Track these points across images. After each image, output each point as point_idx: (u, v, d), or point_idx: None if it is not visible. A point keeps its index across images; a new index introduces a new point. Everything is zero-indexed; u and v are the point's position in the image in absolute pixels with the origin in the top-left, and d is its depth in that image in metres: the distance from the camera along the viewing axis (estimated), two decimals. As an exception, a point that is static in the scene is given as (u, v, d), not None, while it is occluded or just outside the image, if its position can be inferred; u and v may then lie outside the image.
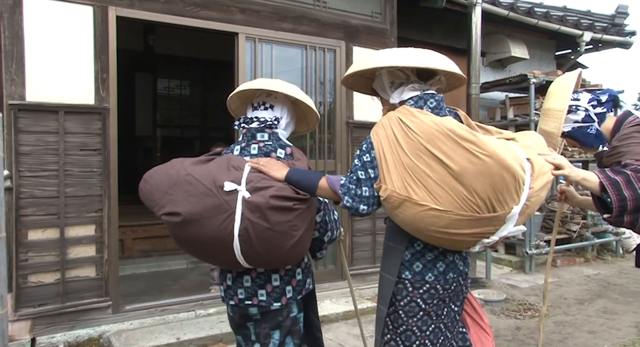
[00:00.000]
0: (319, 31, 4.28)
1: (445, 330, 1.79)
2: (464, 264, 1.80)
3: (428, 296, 1.72)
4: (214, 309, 3.76)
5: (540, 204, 1.68)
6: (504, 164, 1.48)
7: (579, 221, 6.17)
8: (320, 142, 4.33)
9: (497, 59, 6.83)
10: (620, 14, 7.22)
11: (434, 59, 1.67)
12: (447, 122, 1.55)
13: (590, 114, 2.01)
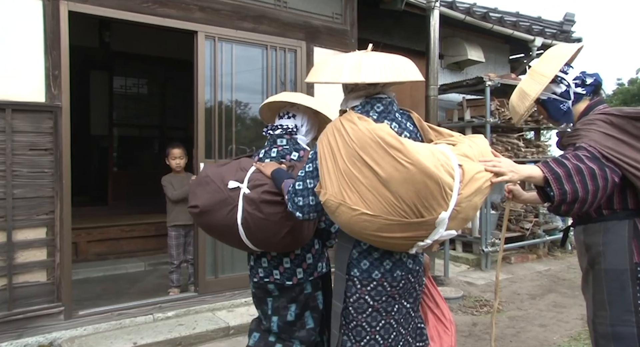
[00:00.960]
0: (279, 31, 4.27)
1: (397, 326, 1.84)
2: (414, 262, 1.84)
3: (376, 293, 1.77)
4: (172, 312, 3.69)
5: (477, 209, 1.73)
6: (426, 172, 1.52)
7: (532, 219, 6.42)
8: (281, 142, 4.32)
9: (455, 61, 7.00)
10: (567, 21, 7.56)
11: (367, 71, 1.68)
12: (379, 130, 1.57)
13: (569, 91, 2.00)
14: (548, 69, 1.97)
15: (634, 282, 1.80)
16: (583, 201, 1.72)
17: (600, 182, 1.71)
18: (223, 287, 3.98)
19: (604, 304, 1.85)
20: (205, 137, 3.91)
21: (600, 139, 1.79)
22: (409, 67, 1.78)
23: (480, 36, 7.05)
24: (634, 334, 1.77)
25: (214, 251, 3.96)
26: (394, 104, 1.84)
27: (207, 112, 3.92)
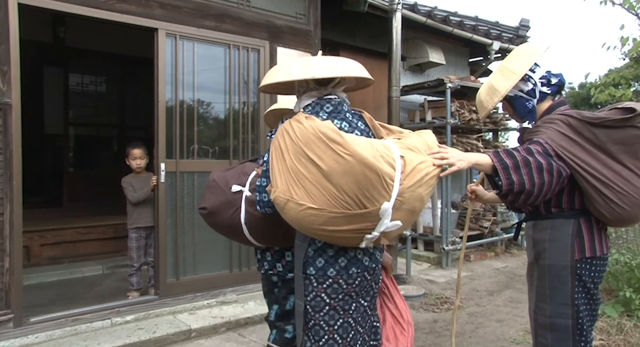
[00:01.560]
0: (242, 30, 4.23)
1: (355, 325, 1.85)
2: (370, 260, 1.87)
3: (332, 291, 1.79)
4: (131, 316, 3.59)
5: (423, 200, 1.75)
6: (365, 163, 1.56)
7: (490, 218, 6.60)
8: (243, 142, 4.27)
9: (417, 63, 7.12)
10: (523, 27, 7.83)
11: (315, 68, 1.76)
12: (322, 126, 1.63)
13: (535, 90, 2.05)
14: (519, 67, 2.00)
15: (573, 278, 1.89)
16: (529, 193, 1.78)
17: (546, 177, 1.77)
18: (185, 290, 3.90)
19: (545, 297, 1.95)
20: (167, 137, 3.83)
21: (557, 137, 1.86)
22: (355, 66, 1.85)
23: (441, 39, 7.20)
24: (568, 326, 1.88)
25: (176, 252, 3.88)
26: (344, 105, 1.91)
27: (168, 112, 3.84)
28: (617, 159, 1.81)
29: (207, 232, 4.06)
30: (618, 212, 1.83)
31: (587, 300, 1.92)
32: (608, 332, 3.44)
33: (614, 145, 1.81)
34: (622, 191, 1.80)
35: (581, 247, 1.90)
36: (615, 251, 3.86)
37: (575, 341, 1.89)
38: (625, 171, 1.81)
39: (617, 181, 1.81)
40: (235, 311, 3.87)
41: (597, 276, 1.94)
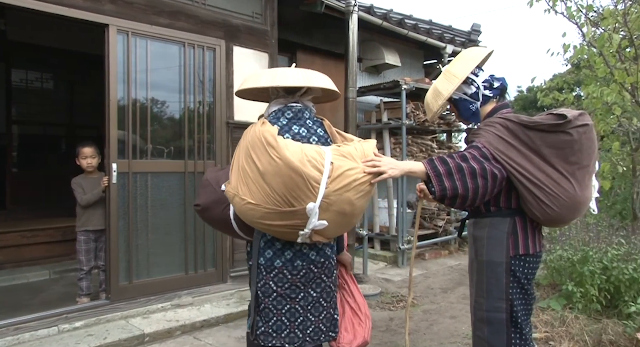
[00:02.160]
0: (198, 28, 4.16)
1: (304, 312, 2.07)
2: (317, 255, 2.07)
3: (278, 280, 2.03)
4: (81, 322, 3.46)
5: (353, 204, 1.89)
6: (291, 166, 1.77)
7: (445, 217, 6.78)
8: (199, 142, 4.21)
9: (373, 65, 7.21)
10: (474, 31, 8.09)
11: (282, 77, 1.99)
12: (265, 131, 1.85)
13: (478, 93, 2.14)
14: (460, 71, 2.10)
15: (507, 274, 1.99)
16: (463, 197, 1.89)
17: (480, 181, 1.88)
18: (138, 293, 3.80)
19: (482, 292, 2.05)
20: (119, 137, 3.72)
21: (494, 141, 1.95)
22: (320, 78, 2.07)
23: (396, 41, 7.33)
24: (503, 320, 1.99)
25: (128, 255, 3.77)
26: (306, 112, 2.10)
27: (120, 110, 3.73)
28: (549, 162, 1.90)
29: (162, 234, 3.97)
30: (548, 213, 1.92)
31: (522, 295, 2.02)
32: (552, 325, 3.61)
33: (547, 149, 1.89)
34: (552, 193, 1.89)
35: (515, 245, 1.99)
36: (559, 247, 4.05)
37: (510, 333, 1.99)
38: (556, 174, 1.89)
39: (548, 183, 1.89)
40: (191, 313, 3.81)
41: (530, 272, 2.04)
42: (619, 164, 4.40)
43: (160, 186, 3.98)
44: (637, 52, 3.68)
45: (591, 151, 1.93)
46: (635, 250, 3.70)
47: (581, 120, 1.88)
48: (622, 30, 3.81)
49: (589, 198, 1.96)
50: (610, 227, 4.14)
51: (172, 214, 4.04)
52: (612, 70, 3.75)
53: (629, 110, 4.18)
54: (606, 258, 3.67)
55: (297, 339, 2.06)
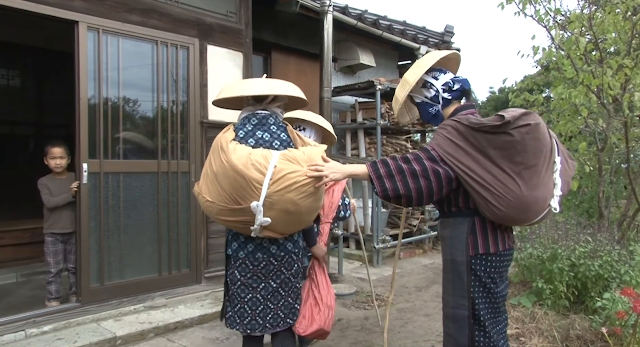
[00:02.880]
0: (171, 27, 4.10)
1: (264, 301, 2.32)
2: (278, 249, 2.30)
3: (242, 269, 2.30)
4: (49, 326, 3.38)
5: (296, 204, 2.08)
6: (235, 169, 2.02)
7: (419, 216, 6.86)
8: (173, 142, 4.15)
9: (348, 65, 7.25)
10: (448, 33, 8.20)
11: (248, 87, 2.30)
12: (222, 137, 2.16)
13: (438, 96, 2.19)
14: (411, 77, 2.20)
15: (468, 273, 2.04)
16: (407, 196, 1.98)
17: (422, 182, 1.95)
18: (110, 295, 3.73)
19: (448, 289, 2.11)
20: (89, 136, 3.64)
21: (444, 143, 2.01)
22: (285, 86, 2.33)
23: (371, 42, 7.38)
24: (465, 316, 2.04)
25: (100, 256, 3.69)
26: (270, 118, 2.33)
27: (91, 109, 3.65)
28: (495, 163, 1.93)
29: (135, 235, 3.91)
30: (496, 213, 1.96)
31: (484, 293, 2.05)
32: (523, 321, 3.70)
33: (493, 150, 1.93)
34: (498, 193, 1.92)
35: (474, 244, 2.04)
36: (529, 245, 4.14)
37: (473, 330, 2.04)
38: (502, 175, 1.92)
39: (494, 184, 1.92)
40: (164, 315, 3.75)
41: (494, 271, 2.06)
42: (586, 164, 4.53)
43: (133, 186, 3.91)
44: (602, 55, 3.80)
45: (537, 150, 1.94)
46: (600, 247, 3.82)
47: (523, 120, 1.90)
48: (588, 33, 3.92)
49: (539, 198, 1.96)
50: (578, 225, 4.26)
51: (146, 215, 3.98)
52: (578, 73, 3.86)
53: (595, 112, 4.30)
54: (574, 255, 3.78)
55: (258, 326, 2.32)
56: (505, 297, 2.15)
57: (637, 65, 3.61)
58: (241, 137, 2.26)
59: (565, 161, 2.11)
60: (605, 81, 3.60)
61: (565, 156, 2.13)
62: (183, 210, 4.20)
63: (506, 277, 2.17)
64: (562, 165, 2.05)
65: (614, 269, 3.67)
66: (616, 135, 4.23)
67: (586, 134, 4.68)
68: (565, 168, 2.08)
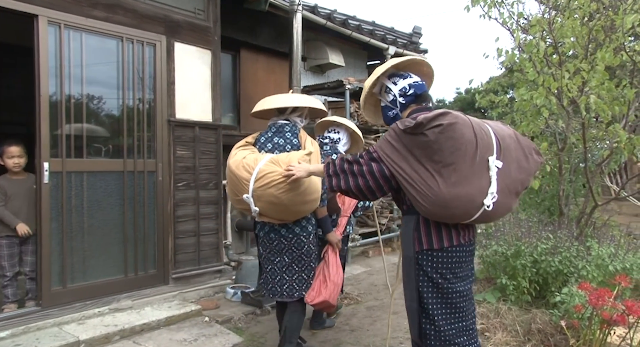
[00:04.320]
0: (137, 23, 4.02)
1: (280, 272, 3.00)
2: (287, 231, 2.95)
3: (262, 246, 3.05)
4: (7, 331, 3.25)
5: (278, 197, 2.64)
6: (229, 169, 2.77)
7: (387, 214, 6.94)
8: (139, 140, 4.07)
9: (317, 64, 7.27)
10: (416, 34, 8.32)
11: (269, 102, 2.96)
12: (236, 144, 2.94)
13: (396, 100, 2.32)
14: (367, 83, 2.41)
15: (415, 267, 2.14)
16: (348, 192, 2.23)
17: (359, 180, 2.16)
18: (73, 298, 3.63)
19: (405, 283, 2.22)
20: (51, 134, 3.53)
21: (384, 145, 2.14)
22: (303, 99, 3.02)
23: (340, 41, 7.42)
24: (416, 309, 2.15)
25: (62, 258, 3.59)
26: (286, 126, 2.97)
27: (52, 107, 3.54)
28: (420, 162, 2.02)
29: (100, 236, 3.82)
30: (422, 210, 2.06)
31: (433, 288, 2.12)
32: (487, 317, 3.80)
33: (417, 150, 2.03)
34: (421, 191, 2.01)
35: (419, 240, 2.13)
36: (494, 243, 4.25)
37: (421, 323, 2.14)
38: (426, 173, 2.02)
39: (418, 182, 2.02)
40: (130, 317, 3.68)
41: (442, 267, 2.11)
42: (547, 164, 4.69)
43: (98, 186, 3.82)
44: (561, 58, 3.93)
45: (454, 149, 1.98)
46: (560, 244, 3.96)
47: (436, 121, 1.97)
48: (549, 37, 4.05)
49: (460, 195, 2.00)
50: (539, 223, 4.39)
51: (111, 215, 3.89)
52: (539, 75, 3.98)
53: (556, 113, 4.45)
54: (536, 252, 3.90)
55: (277, 292, 2.99)
56: (465, 294, 2.18)
57: (593, 69, 3.75)
58: (262, 142, 2.96)
59: (525, 158, 2.17)
60: (564, 84, 3.73)
61: (524, 154, 2.18)
62: (150, 210, 4.12)
63: (466, 274, 2.21)
64: (507, 163, 2.08)
65: (572, 265, 3.81)
66: (575, 136, 4.38)
67: (547, 134, 4.83)
68: (512, 167, 2.11)
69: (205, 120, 4.53)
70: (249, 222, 6.34)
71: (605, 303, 2.80)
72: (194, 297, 4.29)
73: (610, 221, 5.08)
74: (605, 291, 2.88)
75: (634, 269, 3.68)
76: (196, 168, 4.44)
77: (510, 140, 2.14)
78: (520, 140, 2.21)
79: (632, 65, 4.00)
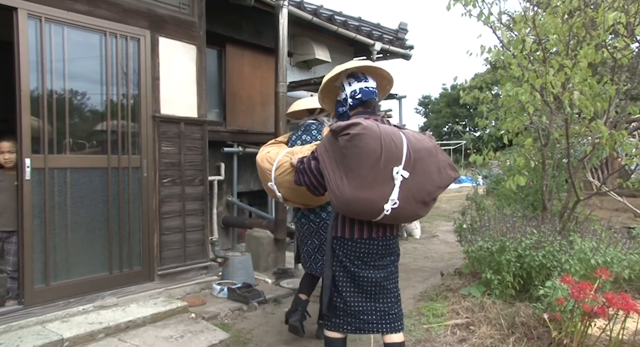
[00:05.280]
0: (120, 17, 3.97)
1: (313, 253, 3.45)
2: (315, 217, 3.39)
3: (297, 229, 3.56)
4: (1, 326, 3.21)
5: (291, 182, 2.86)
6: (257, 162, 3.22)
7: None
8: (123, 136, 4.02)
9: (303, 60, 7.25)
10: (402, 30, 8.34)
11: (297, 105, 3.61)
12: (268, 142, 3.50)
13: (347, 99, 2.59)
14: (327, 76, 2.67)
15: (331, 250, 2.55)
16: (306, 187, 2.58)
17: (303, 176, 2.55)
18: (56, 296, 3.58)
19: (325, 264, 2.64)
20: (32, 130, 3.47)
21: (321, 144, 2.47)
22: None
23: (327, 37, 7.41)
24: (329, 284, 2.54)
25: (45, 256, 3.54)
26: (313, 125, 3.49)
27: (34, 102, 3.48)
28: (337, 163, 2.30)
29: (84, 233, 3.77)
30: (333, 205, 2.41)
31: (342, 269, 2.50)
32: (472, 311, 3.84)
33: (336, 153, 2.31)
34: (333, 189, 2.29)
35: (336, 229, 2.51)
36: (480, 238, 4.29)
37: (332, 294, 2.53)
38: (338, 173, 2.28)
39: (332, 181, 2.30)
40: (115, 315, 3.65)
41: (351, 254, 2.46)
42: (532, 159, 4.74)
43: (81, 182, 3.77)
44: (544, 55, 3.98)
45: (359, 157, 2.19)
46: (544, 238, 4.01)
47: (346, 130, 2.20)
48: (532, 34, 4.09)
49: (359, 198, 2.23)
50: (524, 218, 4.44)
51: (95, 212, 3.85)
52: (524, 72, 4.02)
53: (540, 109, 4.50)
54: (520, 247, 3.95)
55: (313, 269, 3.45)
56: (376, 282, 2.48)
57: (576, 66, 3.80)
58: (293, 139, 3.46)
59: (438, 172, 2.37)
60: (548, 80, 3.77)
61: (438, 168, 2.37)
62: (135, 207, 4.08)
63: (381, 265, 2.50)
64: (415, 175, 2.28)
65: (555, 259, 3.87)
66: (558, 132, 4.43)
67: (532, 130, 4.88)
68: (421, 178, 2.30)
69: (190, 116, 4.49)
70: (235, 218, 6.32)
71: (586, 296, 2.85)
72: (180, 294, 4.27)
73: (592, 216, 5.16)
74: (587, 284, 2.93)
75: (614, 262, 3.74)
76: (182, 164, 4.41)
77: (425, 153, 2.31)
78: (439, 154, 2.40)
79: (613, 62, 4.05)
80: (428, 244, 6.27)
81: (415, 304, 4.37)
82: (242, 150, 6.18)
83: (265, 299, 4.34)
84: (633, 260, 3.90)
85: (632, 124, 5.36)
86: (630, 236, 4.50)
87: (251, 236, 5.49)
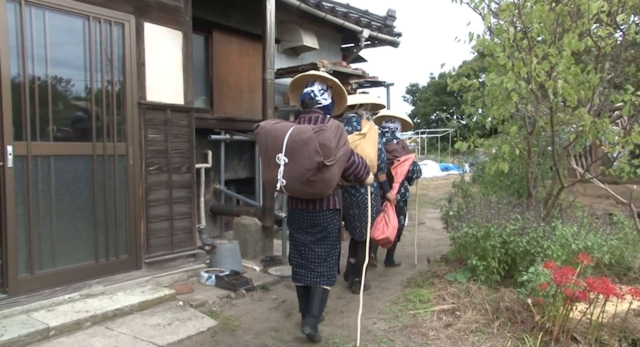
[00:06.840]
0: (104, 2, 3.89)
1: (352, 220, 4.32)
2: (353, 191, 4.22)
3: (343, 199, 4.22)
4: (-25, 319, 3.18)
5: None
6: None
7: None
8: (108, 123, 3.97)
9: (291, 47, 7.19)
10: (390, 17, 8.31)
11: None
12: None
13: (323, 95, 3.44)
14: (303, 75, 3.50)
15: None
16: None
17: None
18: (41, 285, 3.56)
19: None
20: (14, 118, 3.41)
21: None
22: (366, 97, 4.43)
23: (314, 24, 7.35)
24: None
25: (29, 244, 3.50)
26: (353, 118, 4.29)
27: (15, 88, 3.41)
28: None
29: (69, 221, 3.74)
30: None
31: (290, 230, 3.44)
32: (458, 296, 3.90)
33: None
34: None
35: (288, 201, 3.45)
36: (465, 225, 4.34)
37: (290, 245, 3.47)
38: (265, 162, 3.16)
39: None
40: (102, 303, 3.64)
41: (290, 218, 3.42)
42: (517, 147, 4.78)
43: (66, 170, 3.72)
44: (530, 43, 3.99)
45: (261, 147, 3.14)
46: (528, 224, 4.07)
47: (256, 127, 3.19)
48: (518, 22, 4.10)
49: (267, 178, 3.15)
50: (509, 205, 4.50)
51: (80, 200, 3.81)
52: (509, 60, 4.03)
53: (525, 97, 4.53)
54: (505, 233, 4.00)
55: (354, 233, 4.31)
56: (304, 243, 3.32)
57: (560, 54, 3.82)
58: None
59: (308, 158, 2.97)
60: (533, 69, 3.79)
61: (308, 155, 2.96)
62: (121, 194, 4.05)
63: (307, 231, 3.30)
64: (293, 160, 2.99)
65: (539, 245, 3.93)
66: (543, 120, 4.47)
67: (517, 118, 4.92)
68: (297, 163, 2.99)
69: (177, 103, 4.45)
70: (222, 206, 6.31)
71: (568, 281, 2.91)
72: (167, 282, 4.27)
73: (575, 202, 5.24)
74: (569, 269, 2.99)
75: (595, 248, 3.82)
76: (168, 151, 4.37)
77: (300, 143, 2.95)
78: (310, 144, 2.93)
79: (597, 51, 4.09)
80: (415, 231, 6.32)
81: (402, 290, 4.42)
82: (229, 137, 6.15)
83: (253, 286, 4.36)
84: (613, 245, 3.98)
85: (615, 112, 5.42)
86: (611, 221, 4.58)
87: (239, 224, 5.49)
